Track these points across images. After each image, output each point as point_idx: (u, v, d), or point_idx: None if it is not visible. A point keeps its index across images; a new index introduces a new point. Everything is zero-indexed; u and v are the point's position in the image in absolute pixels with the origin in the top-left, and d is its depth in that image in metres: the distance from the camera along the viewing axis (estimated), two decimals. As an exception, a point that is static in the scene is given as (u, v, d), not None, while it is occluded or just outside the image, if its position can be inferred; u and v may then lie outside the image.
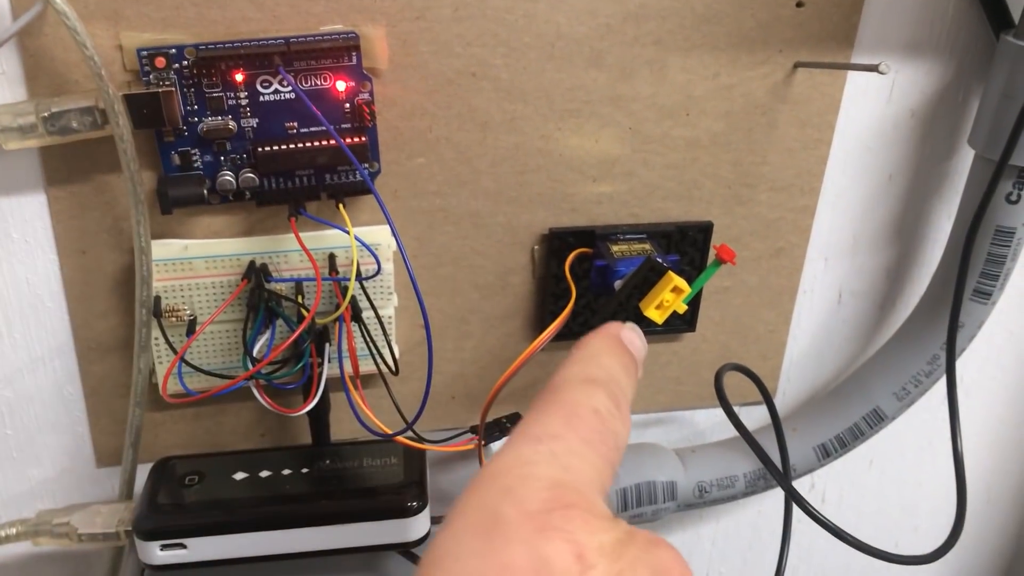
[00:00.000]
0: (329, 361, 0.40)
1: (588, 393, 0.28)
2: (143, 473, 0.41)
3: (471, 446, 0.42)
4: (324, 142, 0.37)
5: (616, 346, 0.32)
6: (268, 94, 0.37)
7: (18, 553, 0.46)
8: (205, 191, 0.38)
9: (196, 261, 0.39)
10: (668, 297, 0.37)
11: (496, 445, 0.46)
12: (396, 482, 0.39)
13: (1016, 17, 0.42)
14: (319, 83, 0.37)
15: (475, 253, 0.43)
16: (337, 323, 0.40)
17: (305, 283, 0.40)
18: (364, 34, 0.37)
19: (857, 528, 0.59)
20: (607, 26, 0.39)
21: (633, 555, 0.23)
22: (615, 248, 0.42)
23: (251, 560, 0.38)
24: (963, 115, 0.46)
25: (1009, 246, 0.43)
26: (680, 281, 0.36)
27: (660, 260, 0.37)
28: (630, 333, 0.33)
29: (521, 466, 0.24)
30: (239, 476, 0.40)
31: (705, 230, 0.45)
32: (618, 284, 0.39)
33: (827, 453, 0.49)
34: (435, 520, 0.40)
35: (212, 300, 0.40)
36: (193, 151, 0.37)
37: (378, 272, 0.40)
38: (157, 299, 0.39)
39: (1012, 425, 0.59)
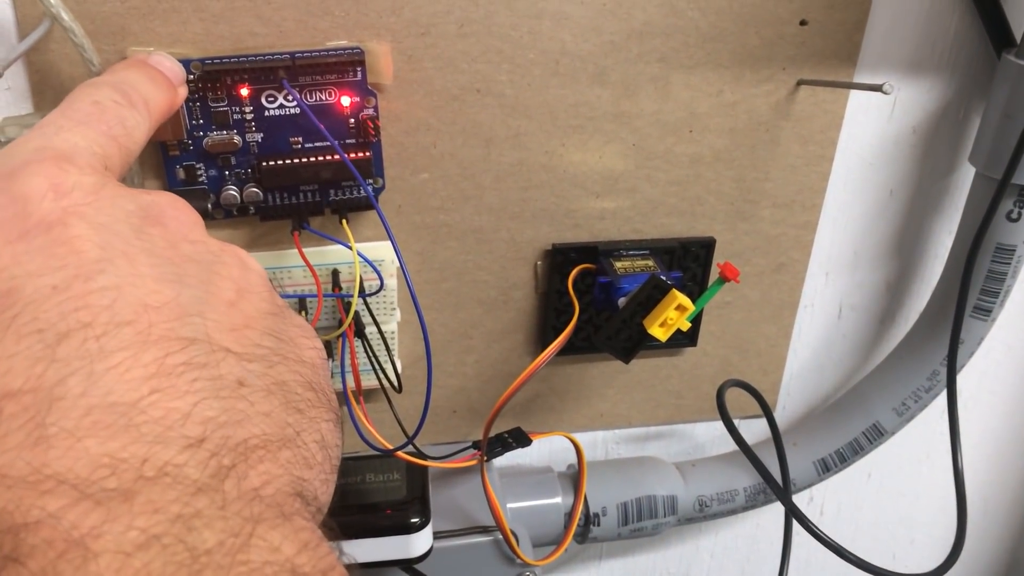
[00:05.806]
0: (332, 376, 0.40)
1: (90, 90, 0.28)
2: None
3: (473, 462, 0.42)
4: (328, 157, 0.37)
5: (136, 62, 0.33)
6: (273, 109, 0.37)
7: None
8: (209, 205, 0.38)
9: (199, 275, 0.39)
10: (672, 315, 0.37)
11: (498, 460, 0.46)
12: (399, 498, 0.39)
13: (1018, 36, 0.42)
14: (324, 98, 0.37)
15: (478, 268, 0.43)
16: (340, 339, 0.40)
17: (308, 299, 0.40)
18: (369, 50, 0.37)
19: (854, 541, 0.59)
20: (611, 43, 0.39)
21: (114, 192, 0.24)
22: (618, 264, 0.42)
23: None
24: (964, 133, 0.46)
25: (1009, 263, 0.43)
26: (684, 299, 0.37)
27: (664, 278, 0.37)
28: (158, 56, 0.33)
29: (10, 147, 0.25)
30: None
31: (708, 246, 0.45)
32: (622, 301, 0.39)
33: (827, 468, 0.49)
34: (438, 536, 0.40)
35: (215, 314, 0.40)
36: (198, 165, 0.37)
37: (381, 288, 0.40)
38: (160, 313, 0.39)
39: (1009, 439, 0.59)
